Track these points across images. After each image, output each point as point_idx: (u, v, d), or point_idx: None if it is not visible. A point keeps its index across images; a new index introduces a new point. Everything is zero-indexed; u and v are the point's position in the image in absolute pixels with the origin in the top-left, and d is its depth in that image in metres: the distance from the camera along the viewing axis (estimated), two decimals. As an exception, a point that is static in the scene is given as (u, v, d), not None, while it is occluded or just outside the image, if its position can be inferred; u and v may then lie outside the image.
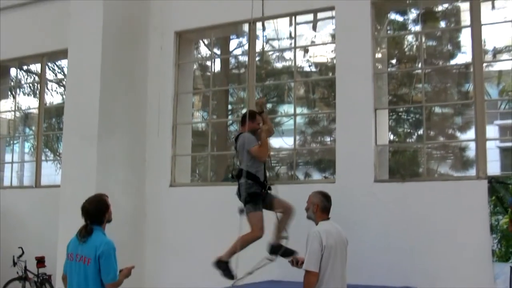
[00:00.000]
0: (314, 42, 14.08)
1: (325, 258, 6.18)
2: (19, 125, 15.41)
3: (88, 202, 6.04)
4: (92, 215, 5.95)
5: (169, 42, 10.80)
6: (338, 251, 6.30)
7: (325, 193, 6.73)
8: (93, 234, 5.86)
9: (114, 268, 5.85)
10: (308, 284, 6.18)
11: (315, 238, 6.26)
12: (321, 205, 6.63)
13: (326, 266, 6.18)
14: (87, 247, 5.81)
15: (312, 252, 6.20)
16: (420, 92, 12.79)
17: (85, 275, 5.77)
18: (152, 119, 10.73)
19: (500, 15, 10.41)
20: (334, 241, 6.29)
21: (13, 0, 12.78)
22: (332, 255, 6.19)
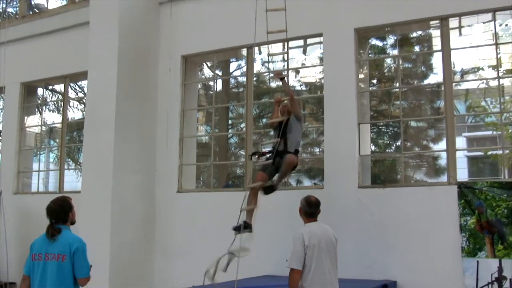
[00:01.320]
0: (304, 65, 14.09)
1: (308, 257, 6.15)
2: (45, 138, 15.34)
3: (53, 203, 5.77)
4: (57, 214, 5.67)
5: (177, 65, 10.80)
6: (323, 249, 6.26)
7: (309, 199, 6.69)
8: (62, 232, 5.58)
9: (87, 264, 5.59)
10: (292, 281, 6.16)
11: (298, 239, 6.25)
12: (304, 209, 6.62)
13: (310, 263, 6.15)
14: (59, 245, 5.52)
15: (295, 252, 6.18)
16: (398, 108, 12.76)
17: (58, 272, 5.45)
18: (162, 132, 10.72)
19: (467, 40, 10.43)
20: (318, 241, 6.25)
21: (39, 29, 12.82)
22: (316, 254, 6.16)
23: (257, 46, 10.26)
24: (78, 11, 12.08)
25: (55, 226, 5.63)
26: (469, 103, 17.39)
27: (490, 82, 15.26)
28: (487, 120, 17.79)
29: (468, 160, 22.71)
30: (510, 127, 15.45)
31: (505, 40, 12.19)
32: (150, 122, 10.75)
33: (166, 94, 10.83)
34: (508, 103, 15.69)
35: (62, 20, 12.50)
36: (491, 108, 16.46)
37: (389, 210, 8.46)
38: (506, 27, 12.73)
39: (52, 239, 5.58)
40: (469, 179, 20.24)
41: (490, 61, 13.51)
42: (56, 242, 5.55)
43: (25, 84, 13.22)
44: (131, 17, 10.57)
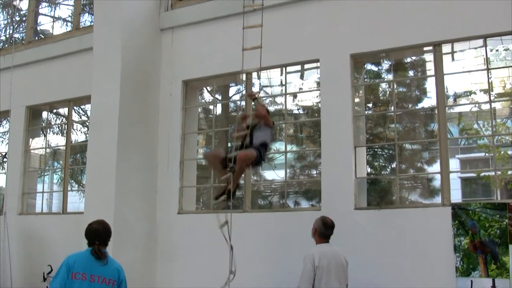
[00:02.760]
0: (301, 89, 14.12)
1: (317, 278, 6.14)
2: (49, 159, 15.35)
3: (98, 224, 5.63)
4: (104, 237, 5.56)
5: (177, 89, 10.82)
6: (332, 271, 6.25)
7: (325, 221, 6.68)
8: (108, 257, 5.47)
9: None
10: None
11: (308, 259, 6.24)
12: (319, 230, 6.62)
13: (320, 284, 6.12)
14: (109, 270, 5.40)
15: (305, 272, 6.17)
16: (393, 131, 12.80)
17: None
18: (163, 155, 10.73)
19: (459, 65, 10.47)
20: (328, 262, 6.24)
21: (44, 54, 12.88)
22: (325, 275, 6.15)
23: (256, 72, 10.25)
24: (82, 37, 12.14)
25: (102, 249, 5.47)
26: (462, 125, 17.45)
27: (482, 105, 15.33)
28: (480, 142, 17.85)
29: (462, 181, 22.73)
30: (502, 149, 15.52)
31: (496, 64, 12.27)
32: (151, 145, 10.75)
33: (167, 118, 10.84)
34: (499, 126, 15.78)
35: (66, 45, 12.55)
36: (483, 131, 16.52)
37: (384, 231, 8.44)
38: (497, 52, 12.81)
39: (102, 261, 5.42)
40: (463, 200, 20.27)
41: (482, 85, 13.58)
42: (107, 266, 5.41)
43: (31, 107, 13.21)
44: (133, 43, 10.61)
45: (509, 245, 7.62)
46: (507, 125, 16.39)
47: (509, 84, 14.95)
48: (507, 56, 13.02)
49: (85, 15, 14.99)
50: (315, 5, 9.67)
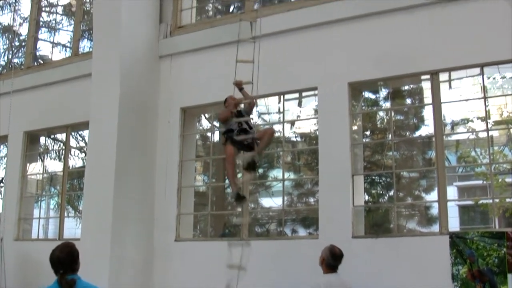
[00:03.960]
0: (299, 117, 14.15)
1: None
2: (46, 185, 15.32)
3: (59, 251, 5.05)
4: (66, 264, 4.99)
5: (176, 116, 10.84)
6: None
7: (334, 251, 6.66)
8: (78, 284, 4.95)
9: None
10: None
11: None
12: (327, 260, 6.59)
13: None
14: None
15: None
16: (390, 159, 12.81)
17: None
18: (160, 182, 10.70)
19: (456, 93, 10.51)
20: None
21: (43, 80, 12.93)
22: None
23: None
24: (81, 63, 12.18)
25: (67, 277, 4.94)
26: (459, 153, 17.47)
27: (479, 133, 15.37)
28: (477, 170, 17.85)
29: (460, 209, 22.68)
30: (500, 176, 15.54)
31: (494, 92, 12.34)
32: (149, 172, 10.74)
33: (165, 145, 10.84)
34: (497, 154, 15.81)
35: (65, 71, 12.59)
36: (481, 159, 16.54)
37: (382, 259, 8.41)
38: (494, 80, 12.87)
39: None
40: (461, 227, 20.21)
41: (479, 113, 13.62)
42: None
43: (29, 132, 13.22)
44: (132, 70, 10.66)
45: (508, 274, 7.59)
46: (505, 152, 16.43)
47: (506, 112, 15.01)
48: (504, 84, 13.09)
49: (84, 41, 15.06)
50: (313, 33, 9.75)
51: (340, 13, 9.58)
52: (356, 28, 9.45)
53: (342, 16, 9.55)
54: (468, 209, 22.88)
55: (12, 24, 16.27)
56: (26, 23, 15.37)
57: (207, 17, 13.85)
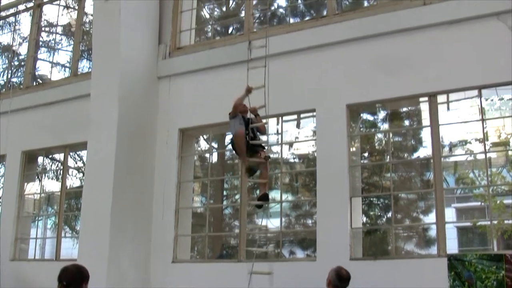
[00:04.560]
0: (297, 138, 14.17)
1: None
2: (43, 204, 15.28)
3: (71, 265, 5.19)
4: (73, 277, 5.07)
5: (174, 137, 10.83)
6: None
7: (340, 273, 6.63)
8: None
9: None
10: None
11: None
12: (333, 283, 6.55)
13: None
14: None
15: None
16: (388, 180, 12.81)
17: None
18: (158, 203, 10.66)
19: (454, 115, 10.54)
20: None
21: (41, 100, 12.95)
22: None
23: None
24: (80, 84, 12.19)
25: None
26: (458, 175, 17.48)
27: (477, 155, 15.39)
28: (476, 191, 17.84)
29: (458, 230, 22.66)
30: (498, 198, 15.53)
31: (492, 114, 12.37)
32: (147, 193, 10.72)
33: (163, 166, 10.83)
34: (495, 176, 15.82)
35: (64, 91, 12.60)
36: (479, 181, 16.54)
37: (380, 282, 8.35)
38: (492, 102, 12.92)
39: None
40: (459, 249, 20.19)
41: (477, 135, 13.66)
42: None
43: (26, 152, 13.19)
44: (130, 91, 10.68)
45: (506, 297, 7.58)
46: (503, 174, 16.44)
47: (504, 134, 15.05)
48: (502, 105, 13.13)
49: (83, 61, 15.13)
50: (311, 55, 9.78)
51: (338, 35, 9.64)
52: (354, 50, 9.50)
53: (340, 38, 9.60)
54: (466, 230, 22.83)
55: (12, 44, 16.31)
56: (26, 43, 15.40)
57: (206, 38, 13.92)
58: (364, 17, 9.58)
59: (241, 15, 13.95)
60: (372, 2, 12.92)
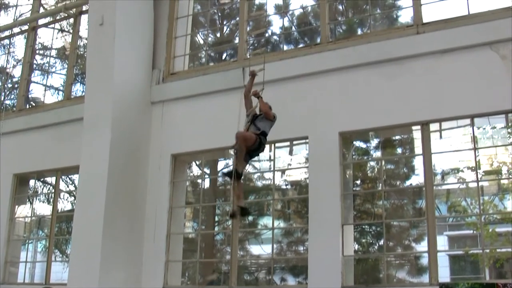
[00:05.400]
0: (290, 165, 14.13)
1: None
2: (34, 227, 15.21)
3: None
4: None
5: (166, 163, 10.86)
6: None
7: None
8: None
9: None
10: None
11: None
12: None
13: None
14: None
15: None
16: (380, 208, 12.80)
17: None
18: (150, 228, 10.66)
19: (447, 143, 10.57)
20: None
21: (34, 123, 12.95)
22: None
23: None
24: (73, 107, 12.25)
25: None
26: (450, 203, 17.47)
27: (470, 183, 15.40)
28: (468, 220, 17.83)
29: (450, 258, 22.57)
30: (491, 226, 15.52)
31: (484, 142, 12.40)
32: (138, 218, 10.70)
33: (155, 191, 10.83)
34: (487, 204, 15.82)
35: (57, 115, 12.64)
36: (471, 209, 16.53)
37: (371, 311, 8.39)
38: (484, 130, 12.95)
39: None
40: (451, 277, 20.07)
41: (469, 163, 13.67)
42: None
43: (18, 175, 13.18)
44: (123, 116, 10.71)
45: (498, 327, 7.56)
46: (495, 203, 16.44)
47: (497, 162, 15.08)
48: (494, 134, 13.17)
49: (77, 84, 15.13)
50: (304, 83, 9.85)
51: (332, 63, 9.72)
52: (347, 78, 9.57)
53: (334, 66, 9.68)
54: (458, 258, 22.75)
55: (6, 66, 16.32)
56: (20, 65, 15.42)
57: (200, 64, 13.95)
58: (357, 45, 9.68)
59: (235, 41, 13.99)
60: (365, 30, 13.00)
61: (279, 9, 12.42)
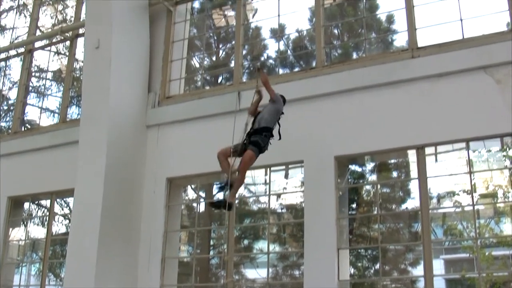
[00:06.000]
0: (285, 188, 14.16)
1: None
2: (28, 250, 15.13)
3: None
4: None
5: (161, 187, 10.81)
6: None
7: None
8: None
9: None
10: None
11: None
12: None
13: None
14: None
15: None
16: (376, 231, 12.78)
17: None
18: (144, 252, 10.57)
19: (442, 166, 10.59)
20: None
21: (30, 145, 12.92)
22: None
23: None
24: (68, 130, 12.22)
25: None
26: (446, 226, 17.47)
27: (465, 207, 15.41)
28: (464, 243, 17.81)
29: (446, 282, 22.53)
30: (486, 250, 15.51)
31: (479, 165, 12.43)
32: (133, 241, 10.62)
33: (150, 215, 10.76)
34: (483, 227, 15.82)
35: (52, 138, 12.60)
36: (467, 232, 16.53)
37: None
38: (479, 153, 12.99)
39: None
40: (448, 301, 20.05)
41: (465, 186, 13.68)
42: None
43: (13, 198, 13.11)
44: (119, 139, 10.68)
45: None
46: (491, 226, 16.45)
47: (492, 186, 15.11)
48: (489, 157, 13.21)
49: (72, 107, 15.15)
50: (300, 107, 9.83)
51: (327, 87, 9.74)
52: (342, 102, 9.58)
53: (329, 90, 9.70)
54: (455, 282, 22.70)
55: (1, 88, 16.35)
56: (16, 88, 15.46)
57: (196, 88, 13.99)
58: (353, 69, 9.71)
59: (231, 65, 14.05)
60: (361, 54, 13.07)
61: (274, 33, 12.46)
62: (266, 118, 8.34)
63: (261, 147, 8.21)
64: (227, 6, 14.35)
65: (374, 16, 13.09)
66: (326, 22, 11.41)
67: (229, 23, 14.50)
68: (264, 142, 8.24)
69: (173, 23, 12.04)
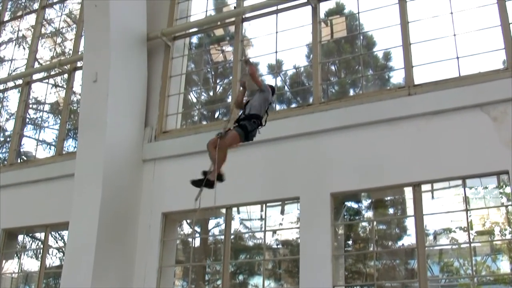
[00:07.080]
0: (281, 224, 14.08)
1: None
2: (21, 283, 15.00)
3: None
4: None
5: (157, 221, 10.78)
6: None
7: None
8: None
9: None
10: None
11: None
12: None
13: None
14: None
15: None
16: (372, 268, 12.71)
17: None
18: (139, 286, 10.49)
19: (439, 203, 10.57)
20: None
21: (25, 177, 12.90)
22: None
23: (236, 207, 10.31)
24: (64, 163, 12.23)
25: None
26: (442, 263, 17.37)
27: (462, 244, 15.34)
28: (461, 281, 17.71)
29: (444, 320, 22.35)
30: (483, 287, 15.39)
31: (476, 202, 12.40)
32: (127, 276, 10.57)
33: (144, 250, 10.71)
34: (480, 265, 15.73)
35: (48, 170, 12.62)
36: (464, 269, 16.43)
37: None
38: (476, 190, 12.96)
39: None
40: None
41: (461, 223, 13.64)
42: None
43: (7, 230, 13.07)
44: (115, 173, 10.69)
45: None
46: (488, 263, 16.36)
47: (489, 223, 15.05)
48: (486, 194, 13.18)
49: (69, 140, 15.13)
50: (296, 143, 9.88)
51: (324, 124, 9.77)
52: (339, 138, 9.61)
53: (326, 126, 9.74)
54: (452, 320, 22.52)
55: (-2, 120, 16.38)
56: (13, 119, 15.47)
57: (193, 123, 14.00)
58: (349, 106, 9.76)
59: (228, 100, 14.09)
60: (358, 91, 13.13)
61: (272, 68, 12.51)
62: (255, 106, 8.40)
63: (248, 132, 8.21)
64: (225, 41, 14.43)
65: (371, 53, 13.14)
66: (323, 58, 11.49)
67: (227, 58, 14.56)
68: (252, 127, 8.25)
69: (171, 58, 12.12)
